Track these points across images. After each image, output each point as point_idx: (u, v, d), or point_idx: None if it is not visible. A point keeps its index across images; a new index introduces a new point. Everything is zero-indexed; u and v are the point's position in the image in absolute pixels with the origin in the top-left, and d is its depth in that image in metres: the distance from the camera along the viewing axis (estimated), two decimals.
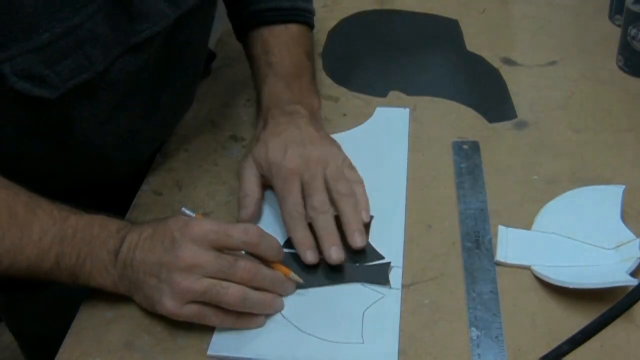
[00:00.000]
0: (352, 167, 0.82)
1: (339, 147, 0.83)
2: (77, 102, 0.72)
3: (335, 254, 0.72)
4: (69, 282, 0.69)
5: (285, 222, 0.76)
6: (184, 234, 0.66)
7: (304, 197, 0.76)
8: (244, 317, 0.68)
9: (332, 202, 0.76)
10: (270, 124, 0.84)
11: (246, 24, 0.94)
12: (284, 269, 0.70)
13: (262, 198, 0.80)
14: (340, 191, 0.76)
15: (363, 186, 0.80)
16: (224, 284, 0.65)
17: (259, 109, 0.89)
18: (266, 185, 0.81)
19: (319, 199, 0.75)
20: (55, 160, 0.79)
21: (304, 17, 0.94)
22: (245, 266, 0.67)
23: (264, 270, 0.68)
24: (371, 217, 0.78)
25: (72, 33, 0.67)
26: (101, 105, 0.75)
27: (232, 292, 0.65)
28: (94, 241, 0.68)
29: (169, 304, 0.65)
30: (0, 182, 0.69)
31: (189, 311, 0.66)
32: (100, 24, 0.69)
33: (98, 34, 0.69)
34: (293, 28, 0.93)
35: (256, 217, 0.79)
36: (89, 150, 0.78)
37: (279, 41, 0.91)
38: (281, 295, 0.70)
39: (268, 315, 0.69)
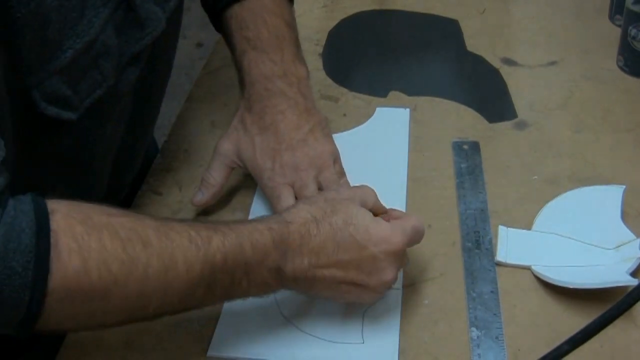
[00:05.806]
0: (342, 174, 0.81)
1: (330, 143, 0.81)
2: (90, 122, 0.69)
3: None
4: (217, 303, 0.65)
5: None
6: (388, 254, 0.65)
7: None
8: None
9: None
10: (255, 107, 0.81)
11: (217, 6, 0.87)
12: None
13: (222, 187, 0.80)
14: None
15: None
16: None
17: (242, 86, 0.84)
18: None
19: None
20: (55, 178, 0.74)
21: None
22: None
23: None
24: None
25: (90, 48, 0.64)
26: (109, 122, 0.73)
27: None
28: (248, 264, 0.62)
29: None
30: (112, 210, 0.59)
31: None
32: (111, 36, 0.67)
33: (110, 46, 0.67)
34: (266, 0, 0.86)
35: (208, 204, 0.80)
36: (94, 170, 0.76)
37: (253, 14, 0.84)
38: None
39: (268, 316, 0.69)
